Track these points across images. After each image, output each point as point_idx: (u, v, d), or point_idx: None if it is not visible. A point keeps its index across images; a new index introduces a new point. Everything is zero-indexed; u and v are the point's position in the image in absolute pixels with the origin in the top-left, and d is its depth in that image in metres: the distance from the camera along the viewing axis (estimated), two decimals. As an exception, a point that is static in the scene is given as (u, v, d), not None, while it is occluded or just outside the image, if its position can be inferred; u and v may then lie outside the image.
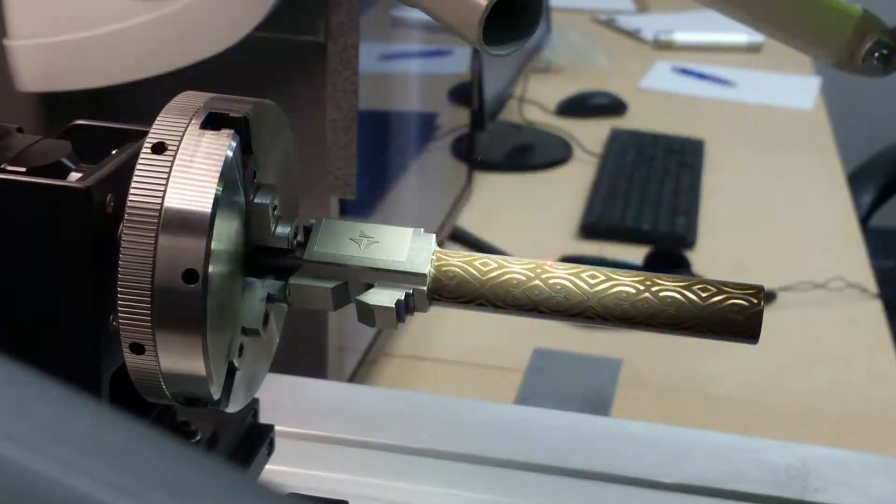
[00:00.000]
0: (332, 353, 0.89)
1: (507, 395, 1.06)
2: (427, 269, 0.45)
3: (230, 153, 0.43)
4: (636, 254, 1.32)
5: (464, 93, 1.41)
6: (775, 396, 1.11)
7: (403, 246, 0.45)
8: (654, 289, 0.45)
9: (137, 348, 0.42)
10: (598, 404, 1.07)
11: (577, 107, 1.79)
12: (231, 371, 0.45)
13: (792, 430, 1.03)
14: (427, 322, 1.15)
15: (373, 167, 1.00)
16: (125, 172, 0.42)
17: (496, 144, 1.64)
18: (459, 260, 0.45)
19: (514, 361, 1.13)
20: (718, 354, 1.10)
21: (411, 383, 1.08)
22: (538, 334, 1.17)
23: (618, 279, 0.45)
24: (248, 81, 0.80)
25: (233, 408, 0.46)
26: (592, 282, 0.45)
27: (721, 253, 1.37)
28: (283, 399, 0.68)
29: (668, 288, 0.44)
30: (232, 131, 0.43)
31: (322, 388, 0.74)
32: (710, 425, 0.74)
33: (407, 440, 0.67)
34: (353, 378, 0.98)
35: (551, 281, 0.45)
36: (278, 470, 0.61)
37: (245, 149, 0.44)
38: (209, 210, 0.41)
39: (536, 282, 0.45)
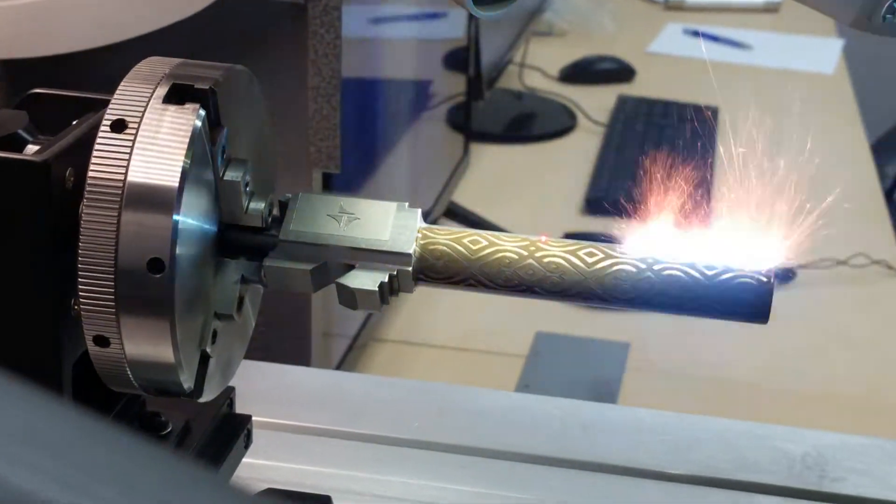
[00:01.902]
0: (317, 338, 0.89)
1: (508, 382, 1.06)
2: (412, 248, 0.45)
3: (198, 123, 0.42)
4: (645, 230, 1.32)
5: (459, 58, 1.40)
6: (792, 381, 1.11)
7: (386, 223, 0.45)
8: (656, 267, 0.44)
9: (101, 341, 0.42)
10: (604, 391, 1.07)
11: (582, 73, 1.79)
12: (204, 358, 0.45)
13: (809, 417, 1.03)
14: (420, 305, 1.15)
15: (359, 139, 0.99)
16: (86, 145, 0.42)
17: (495, 113, 1.63)
18: (447, 237, 0.45)
19: (514, 346, 1.13)
20: (731, 337, 1.10)
21: (403, 370, 1.08)
22: (540, 317, 1.17)
23: (617, 257, 0.45)
24: (222, 47, 0.80)
25: (206, 397, 0.46)
26: (590, 260, 0.45)
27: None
28: (261, 387, 0.68)
29: (672, 266, 0.44)
30: (197, 105, 0.42)
31: (303, 375, 0.74)
32: (722, 412, 0.74)
33: (396, 430, 0.67)
34: (341, 366, 0.98)
35: (546, 259, 0.45)
36: (256, 464, 0.61)
37: (213, 121, 0.43)
38: (176, 185, 0.41)
39: (529, 261, 0.45)
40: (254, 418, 0.54)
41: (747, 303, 0.44)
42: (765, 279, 0.44)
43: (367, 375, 0.94)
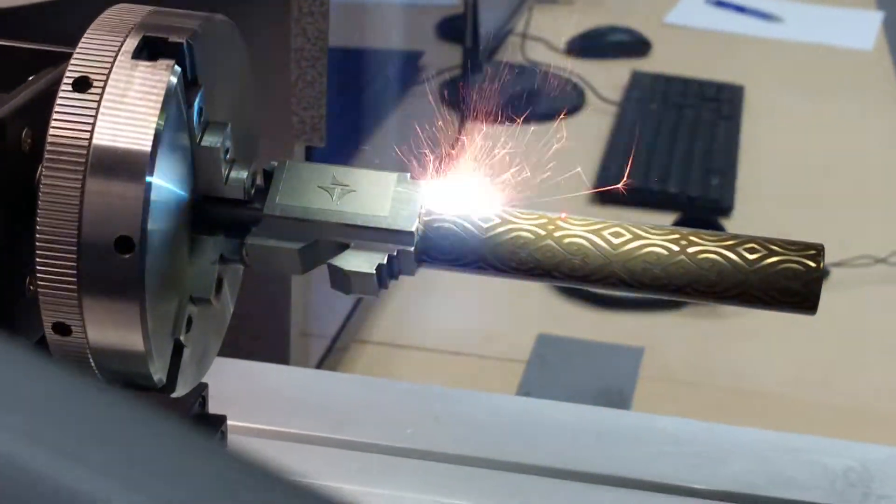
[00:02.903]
0: (295, 337, 0.88)
1: (506, 390, 1.06)
2: (414, 225, 0.44)
3: (173, 81, 0.42)
4: (661, 222, 1.32)
5: (455, 27, 1.40)
6: (827, 392, 1.11)
7: (386, 196, 0.45)
8: (690, 250, 0.44)
9: (62, 329, 0.42)
10: (615, 401, 1.07)
11: (591, 45, 1.79)
12: (177, 348, 0.45)
13: (846, 431, 1.03)
14: (410, 302, 1.15)
15: (344, 114, 0.99)
16: (46, 103, 0.42)
17: (493, 90, 1.63)
18: (455, 213, 0.45)
19: (513, 350, 1.12)
20: (759, 342, 1.10)
21: (391, 376, 1.08)
22: (543, 317, 1.17)
23: (647, 238, 0.45)
24: (198, 3, 0.79)
25: (179, 392, 0.45)
26: (616, 241, 0.45)
27: (763, 221, 1.37)
28: (236, 387, 0.68)
29: (709, 249, 0.44)
30: (172, 61, 0.42)
31: (283, 374, 0.74)
32: (751, 423, 0.74)
33: (387, 437, 0.67)
34: (320, 369, 0.98)
35: (566, 240, 0.44)
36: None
37: (190, 79, 0.43)
38: (148, 149, 0.41)
39: (548, 241, 0.44)
40: (228, 421, 0.54)
41: (793, 291, 0.44)
42: (813, 265, 0.44)
43: (354, 376, 0.94)
